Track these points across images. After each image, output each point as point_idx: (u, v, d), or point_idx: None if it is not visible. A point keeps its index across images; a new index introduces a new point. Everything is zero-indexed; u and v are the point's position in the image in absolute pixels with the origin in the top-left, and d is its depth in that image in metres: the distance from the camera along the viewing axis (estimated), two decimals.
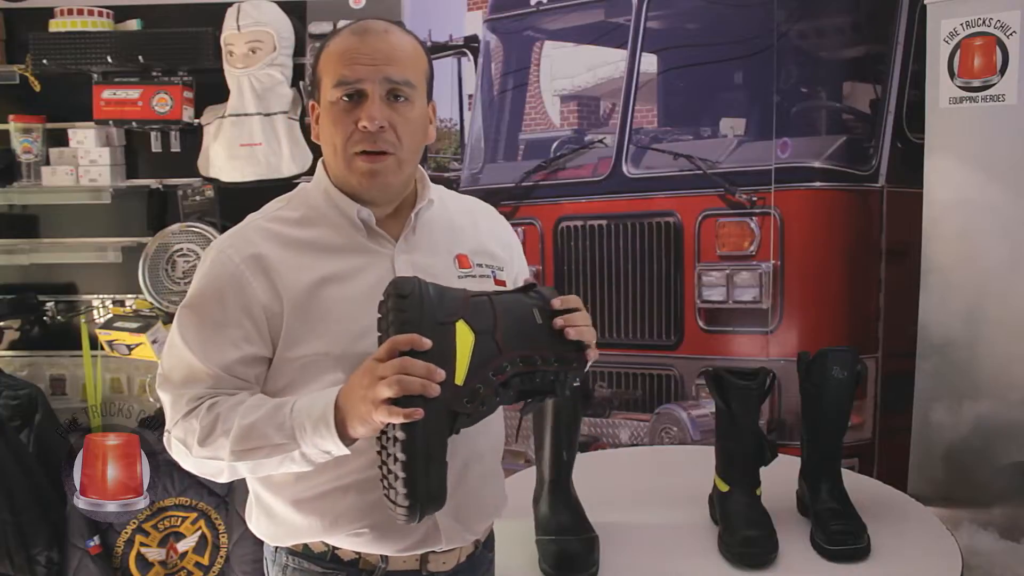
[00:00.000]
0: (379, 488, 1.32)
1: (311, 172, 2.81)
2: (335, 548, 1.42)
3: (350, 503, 1.39)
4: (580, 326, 1.30)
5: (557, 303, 1.31)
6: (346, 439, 1.25)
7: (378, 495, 1.33)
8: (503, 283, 1.52)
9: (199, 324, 1.37)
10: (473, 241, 1.52)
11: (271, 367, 1.39)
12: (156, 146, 2.98)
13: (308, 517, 1.40)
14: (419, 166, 1.49)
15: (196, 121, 2.91)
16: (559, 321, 1.29)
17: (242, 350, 1.36)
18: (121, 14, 2.94)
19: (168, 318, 2.80)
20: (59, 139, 2.96)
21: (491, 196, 3.13)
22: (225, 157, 2.84)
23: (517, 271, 1.59)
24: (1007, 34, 2.34)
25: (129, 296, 3.00)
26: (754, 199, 2.88)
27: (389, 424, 1.19)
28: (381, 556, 1.42)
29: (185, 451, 1.36)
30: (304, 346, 1.36)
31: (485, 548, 1.55)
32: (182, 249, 2.84)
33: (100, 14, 2.89)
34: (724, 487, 1.77)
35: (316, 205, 1.44)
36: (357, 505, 1.39)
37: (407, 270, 1.41)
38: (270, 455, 1.31)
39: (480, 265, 1.51)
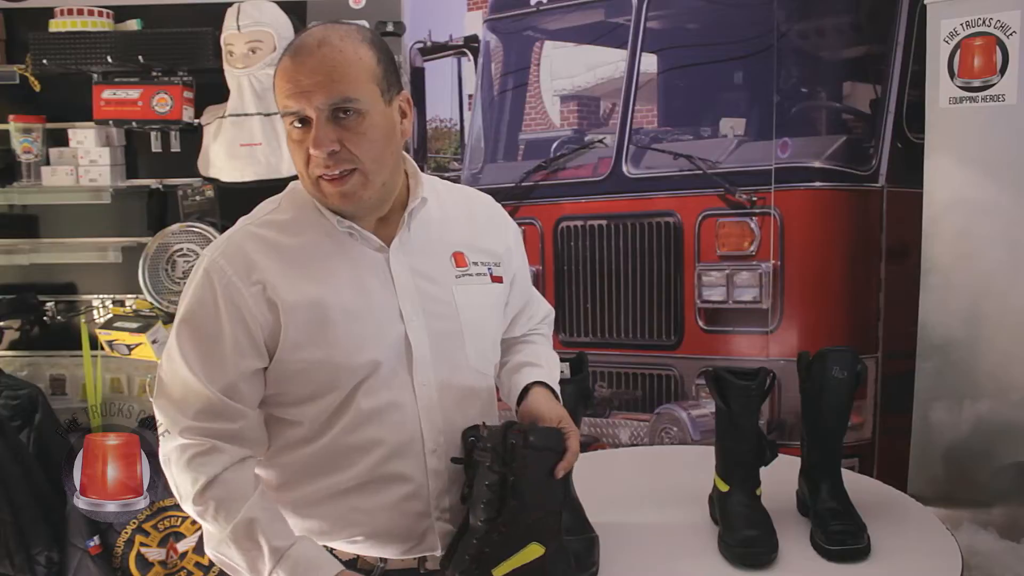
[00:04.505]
0: (377, 494, 1.36)
1: None
2: (332, 549, 1.42)
3: (348, 509, 1.39)
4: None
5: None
6: None
7: (375, 501, 1.36)
8: (499, 279, 1.51)
9: (197, 340, 1.36)
10: (469, 236, 1.50)
11: (266, 372, 1.38)
12: (156, 146, 2.98)
13: (306, 521, 1.40)
14: (411, 161, 1.46)
15: (196, 121, 2.91)
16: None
17: (240, 366, 1.35)
18: (121, 14, 2.94)
19: (168, 318, 2.80)
20: (59, 139, 2.96)
21: (491, 196, 3.14)
22: (225, 157, 2.84)
23: (516, 268, 1.57)
24: (1007, 34, 2.33)
25: (129, 296, 3.00)
26: (754, 199, 2.88)
27: None
28: (379, 557, 1.42)
29: (172, 482, 1.38)
30: (304, 352, 1.35)
31: None
32: (182, 249, 2.84)
33: (100, 14, 2.89)
34: (724, 487, 1.77)
35: (306, 207, 1.41)
36: (354, 512, 1.39)
37: (404, 273, 1.41)
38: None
39: (476, 263, 1.49)
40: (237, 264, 1.35)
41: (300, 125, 1.31)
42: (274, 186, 1.49)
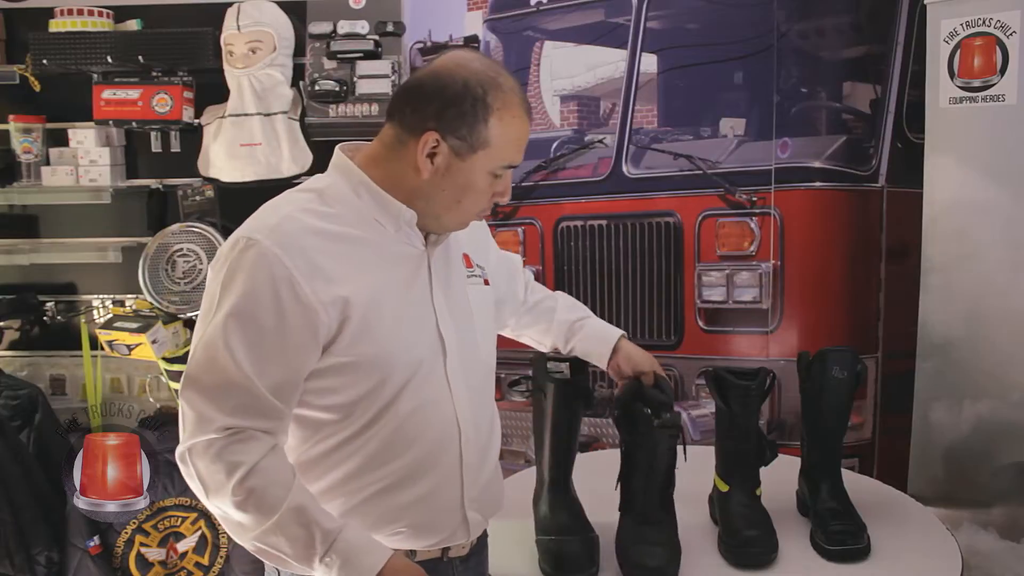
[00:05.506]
0: (418, 487, 1.40)
1: (311, 172, 2.81)
2: None
3: (391, 504, 1.41)
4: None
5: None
6: None
7: (415, 494, 1.40)
8: (488, 283, 1.58)
9: (249, 334, 1.29)
10: (465, 240, 1.55)
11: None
12: (156, 146, 2.98)
13: (350, 520, 1.39)
14: None
15: (196, 121, 2.90)
16: None
17: (295, 363, 1.31)
18: (121, 14, 2.94)
19: (168, 318, 2.80)
20: (59, 139, 2.96)
21: None
22: (225, 157, 2.84)
23: (493, 264, 1.64)
24: (1007, 34, 2.34)
25: (129, 296, 3.00)
26: (754, 199, 2.88)
27: None
28: (409, 550, 1.44)
29: (192, 476, 1.32)
30: (356, 349, 1.34)
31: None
32: (182, 249, 2.84)
33: (100, 14, 2.89)
34: (724, 487, 1.77)
35: (350, 202, 1.38)
36: (397, 505, 1.41)
37: (442, 268, 1.45)
38: (283, 565, 1.34)
39: (477, 266, 1.56)
40: (296, 258, 1.29)
41: (500, 175, 1.40)
42: (274, 186, 1.48)
